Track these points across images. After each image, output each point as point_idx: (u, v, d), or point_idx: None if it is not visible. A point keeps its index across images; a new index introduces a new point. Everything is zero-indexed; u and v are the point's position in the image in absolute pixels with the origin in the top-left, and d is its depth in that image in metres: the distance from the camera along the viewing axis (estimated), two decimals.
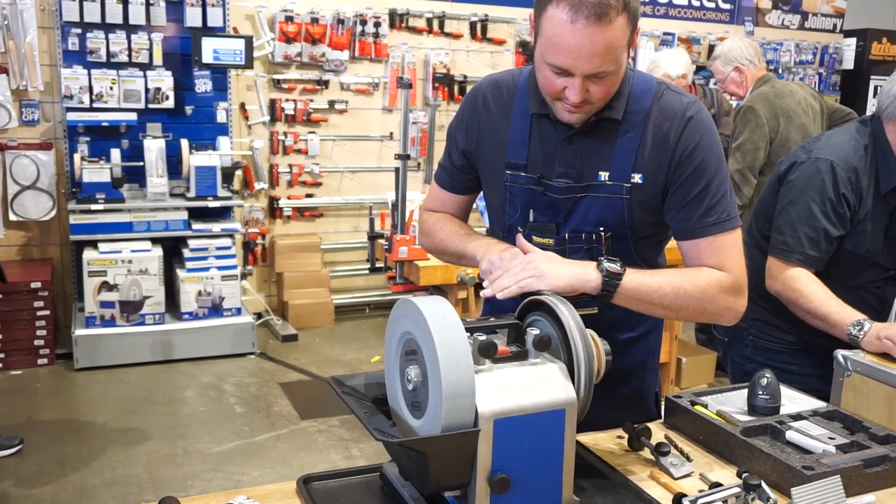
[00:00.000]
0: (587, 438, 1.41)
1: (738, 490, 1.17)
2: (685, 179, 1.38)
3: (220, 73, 4.88)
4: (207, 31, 4.75)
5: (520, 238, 1.44)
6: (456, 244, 1.55)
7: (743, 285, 1.41)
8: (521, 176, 1.47)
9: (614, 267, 1.33)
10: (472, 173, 1.59)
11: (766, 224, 2.08)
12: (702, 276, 1.38)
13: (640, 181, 1.40)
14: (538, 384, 1.11)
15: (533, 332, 1.18)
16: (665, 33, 6.31)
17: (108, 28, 4.60)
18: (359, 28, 5.32)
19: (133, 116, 4.65)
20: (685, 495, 1.17)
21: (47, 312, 4.38)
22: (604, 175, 1.41)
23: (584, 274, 1.32)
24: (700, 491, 1.19)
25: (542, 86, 1.37)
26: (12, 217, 4.52)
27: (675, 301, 1.35)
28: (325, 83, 5.32)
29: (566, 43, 1.26)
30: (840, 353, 1.74)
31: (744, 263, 1.41)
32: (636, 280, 1.34)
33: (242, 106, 5.16)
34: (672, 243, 1.52)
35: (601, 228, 1.43)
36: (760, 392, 1.44)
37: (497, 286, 1.32)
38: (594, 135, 1.42)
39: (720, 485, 1.22)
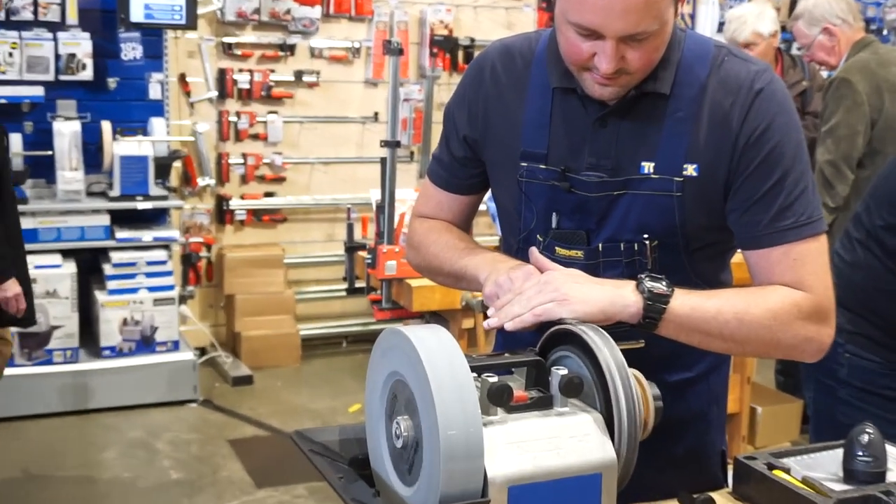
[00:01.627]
0: None
1: None
2: (753, 171, 1.39)
3: (153, 36, 4.90)
4: None
5: (534, 252, 1.44)
6: (452, 262, 1.55)
7: (829, 309, 1.41)
8: (540, 169, 1.48)
9: (659, 286, 1.33)
10: (476, 167, 1.60)
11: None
12: (773, 297, 1.38)
13: (694, 173, 1.40)
14: (566, 441, 1.11)
15: (559, 371, 1.18)
16: None
17: None
18: None
19: (39, 91, 4.66)
20: None
21: None
22: (648, 166, 1.42)
23: (620, 296, 1.32)
24: None
25: (566, 52, 1.38)
26: None
27: (738, 331, 1.35)
28: (291, 48, 5.34)
29: None
30: None
31: (830, 281, 1.41)
32: (688, 303, 1.34)
33: (182, 78, 5.17)
34: (738, 257, 1.52)
35: (645, 236, 1.43)
36: (860, 453, 1.43)
37: (505, 314, 1.32)
38: (635, 114, 1.42)
39: None
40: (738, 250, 1.51)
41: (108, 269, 4.60)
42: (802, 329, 1.38)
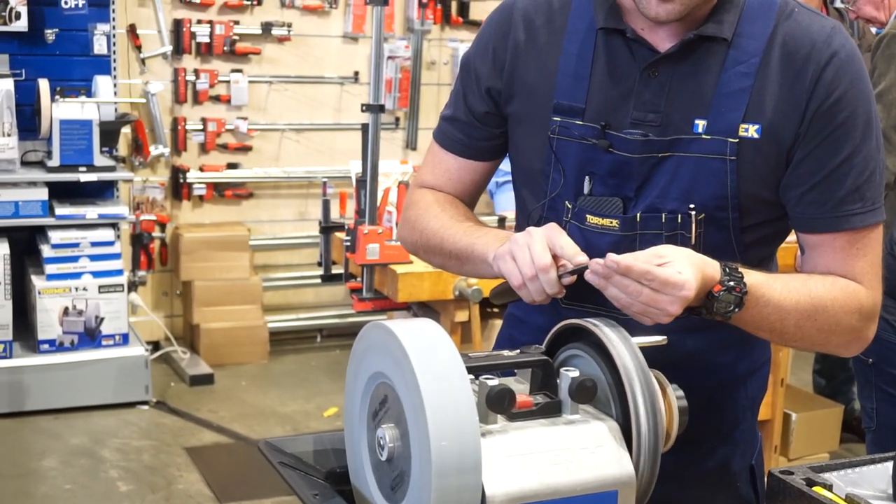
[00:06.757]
0: None
1: None
2: (823, 142, 1.40)
3: None
4: None
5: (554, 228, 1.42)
6: (456, 239, 1.55)
7: (877, 307, 1.45)
8: (575, 125, 1.47)
9: (730, 263, 1.36)
10: (497, 126, 1.59)
11: None
12: (837, 287, 1.41)
13: (756, 135, 1.41)
14: (577, 453, 1.11)
15: (569, 373, 1.18)
16: None
17: None
18: None
19: None
20: None
21: None
22: (701, 124, 1.42)
23: (710, 275, 1.32)
24: None
25: None
26: None
27: (811, 320, 1.39)
28: None
29: None
30: None
31: (881, 272, 1.46)
32: (763, 284, 1.36)
33: (132, 30, 5.15)
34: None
35: (691, 206, 1.43)
36: None
37: (614, 294, 1.28)
38: (690, 63, 1.43)
39: None
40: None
41: (46, 251, 4.58)
42: (856, 326, 1.43)
